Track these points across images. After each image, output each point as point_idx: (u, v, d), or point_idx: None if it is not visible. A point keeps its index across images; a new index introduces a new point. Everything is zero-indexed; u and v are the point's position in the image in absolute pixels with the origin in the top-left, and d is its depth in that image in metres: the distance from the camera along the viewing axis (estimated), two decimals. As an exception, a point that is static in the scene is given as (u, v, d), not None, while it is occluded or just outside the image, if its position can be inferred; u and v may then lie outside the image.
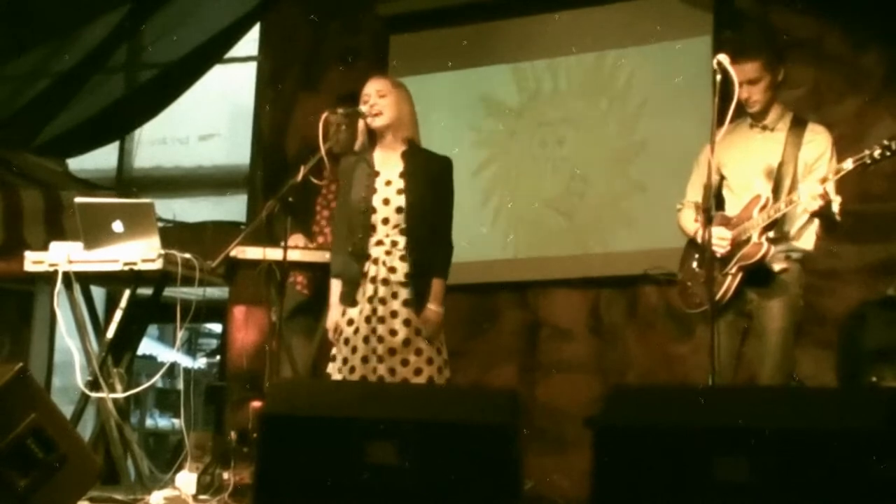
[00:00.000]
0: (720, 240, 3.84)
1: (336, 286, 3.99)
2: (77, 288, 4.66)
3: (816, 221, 3.83)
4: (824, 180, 3.66)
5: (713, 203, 3.70)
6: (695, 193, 4.10)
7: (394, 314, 3.89)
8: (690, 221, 4.06)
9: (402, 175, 3.96)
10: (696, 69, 5.45)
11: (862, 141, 4.94)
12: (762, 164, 3.86)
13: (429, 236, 3.96)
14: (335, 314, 3.95)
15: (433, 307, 3.92)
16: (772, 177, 3.84)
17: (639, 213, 5.68)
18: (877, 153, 3.57)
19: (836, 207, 3.75)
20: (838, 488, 2.39)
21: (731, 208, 3.92)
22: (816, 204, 3.65)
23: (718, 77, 3.71)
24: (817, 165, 3.84)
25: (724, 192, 4.00)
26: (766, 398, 2.83)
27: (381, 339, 3.86)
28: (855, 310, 4.90)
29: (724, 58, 3.72)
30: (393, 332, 3.87)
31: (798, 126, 3.91)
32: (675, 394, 3.03)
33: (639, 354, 5.65)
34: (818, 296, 5.21)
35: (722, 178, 4.01)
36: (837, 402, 2.61)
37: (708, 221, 3.66)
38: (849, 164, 3.62)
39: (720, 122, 3.68)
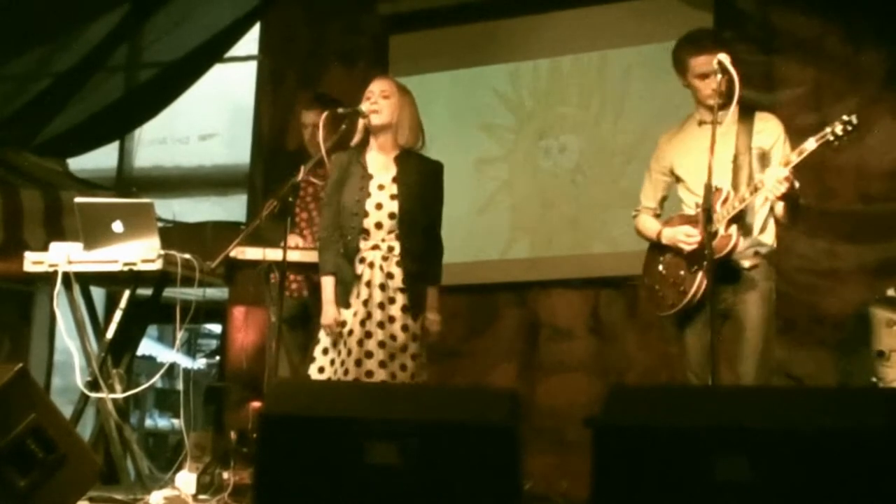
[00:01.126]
0: (687, 236, 3.83)
1: (329, 283, 3.98)
2: (77, 288, 4.66)
3: (776, 216, 3.82)
4: (788, 163, 3.64)
5: (711, 203, 3.67)
6: (648, 199, 4.14)
7: (392, 319, 3.90)
8: (651, 223, 4.07)
9: (394, 180, 3.96)
10: (696, 69, 5.44)
11: (861, 141, 4.97)
12: (717, 159, 3.78)
13: (422, 242, 3.97)
14: (332, 311, 3.94)
15: (433, 316, 3.97)
16: (728, 170, 3.82)
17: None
18: (838, 129, 3.53)
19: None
20: (838, 488, 2.39)
21: (692, 207, 3.90)
22: (783, 188, 3.62)
23: (719, 77, 3.72)
24: (773, 152, 3.83)
25: (681, 192, 4.00)
26: (766, 398, 2.82)
27: (382, 345, 3.87)
28: (855, 310, 4.90)
29: (724, 57, 3.72)
30: (393, 337, 3.89)
31: (746, 116, 3.89)
32: (675, 394, 3.02)
33: (639, 354, 5.65)
34: (818, 296, 5.22)
35: (677, 179, 4.02)
36: (837, 402, 2.61)
37: (707, 221, 3.65)
38: (811, 144, 3.58)
39: (719, 121, 3.69)
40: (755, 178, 3.76)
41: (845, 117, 3.54)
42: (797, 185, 3.68)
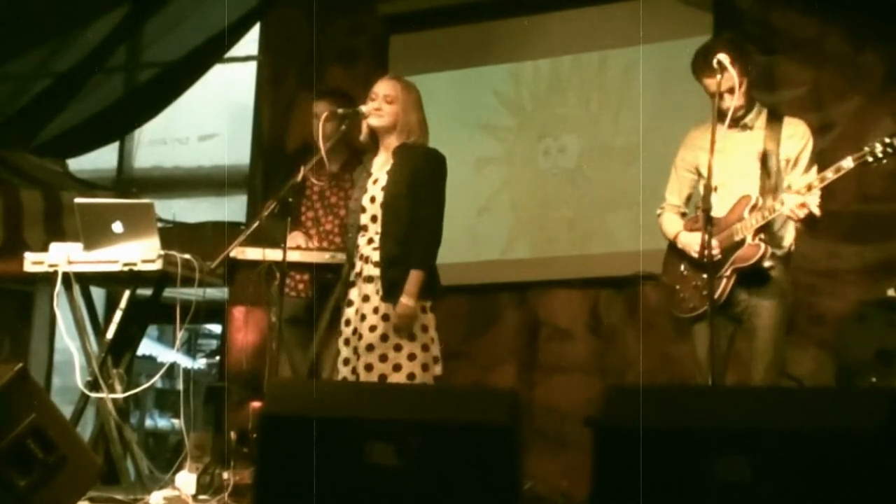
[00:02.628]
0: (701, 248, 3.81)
1: None
2: (77, 289, 4.66)
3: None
4: (823, 179, 3.64)
5: (711, 204, 3.67)
6: (674, 197, 4.10)
7: (375, 310, 3.86)
8: (673, 225, 4.04)
9: (388, 172, 3.95)
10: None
11: (862, 141, 4.94)
12: (744, 164, 3.82)
13: (404, 228, 3.87)
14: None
15: (404, 300, 3.79)
16: (757, 176, 3.81)
17: (639, 213, 5.67)
18: (878, 151, 3.53)
19: (816, 201, 3.71)
20: (838, 488, 2.39)
21: (715, 210, 3.85)
22: (803, 212, 3.66)
23: (719, 76, 3.71)
24: (801, 158, 3.82)
25: (702, 190, 3.97)
26: (766, 398, 2.83)
27: (360, 336, 3.85)
28: (855, 310, 4.90)
29: (724, 57, 3.71)
30: (372, 328, 3.83)
31: (775, 121, 3.87)
32: (675, 394, 3.02)
33: (639, 354, 5.65)
34: (818, 296, 5.22)
35: (700, 177, 3.98)
36: (837, 402, 2.61)
37: (707, 222, 3.65)
38: (848, 163, 3.58)
39: (720, 122, 3.69)
40: (781, 189, 3.75)
41: (886, 139, 3.53)
42: (816, 210, 3.68)
